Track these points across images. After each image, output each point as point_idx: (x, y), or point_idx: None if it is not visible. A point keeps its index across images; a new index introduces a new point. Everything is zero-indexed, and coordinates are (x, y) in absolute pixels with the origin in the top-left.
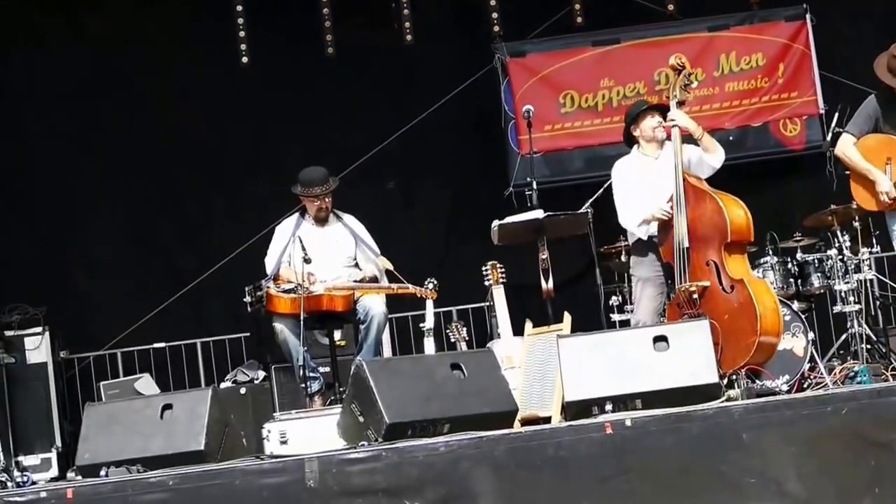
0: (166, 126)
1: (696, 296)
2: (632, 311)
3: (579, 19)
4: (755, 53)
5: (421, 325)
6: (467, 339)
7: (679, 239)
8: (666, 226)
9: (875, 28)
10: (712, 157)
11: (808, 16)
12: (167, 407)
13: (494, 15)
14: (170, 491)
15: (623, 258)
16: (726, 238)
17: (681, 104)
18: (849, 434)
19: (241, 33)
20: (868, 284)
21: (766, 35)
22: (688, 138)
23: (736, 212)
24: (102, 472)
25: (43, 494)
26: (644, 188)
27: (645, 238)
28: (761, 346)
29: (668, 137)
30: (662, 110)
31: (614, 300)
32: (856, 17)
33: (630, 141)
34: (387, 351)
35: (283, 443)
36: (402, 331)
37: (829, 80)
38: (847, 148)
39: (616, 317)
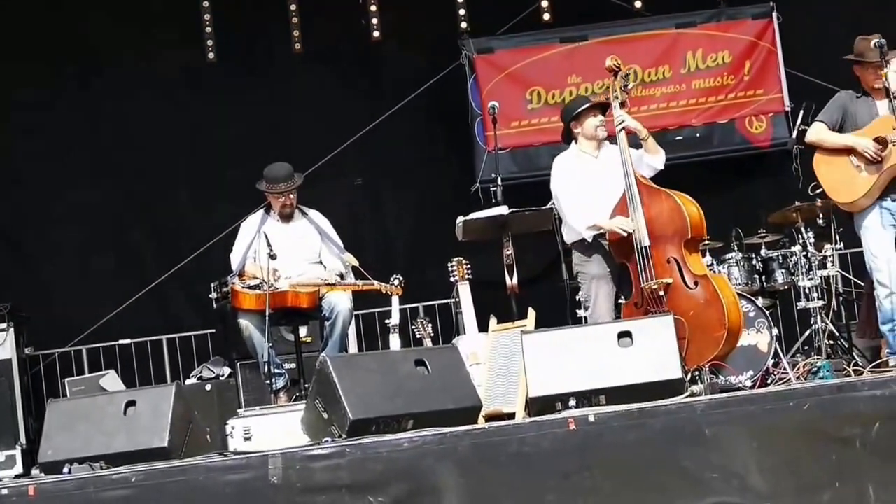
0: (132, 122)
1: (661, 293)
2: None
3: (547, 16)
4: (722, 51)
5: (387, 321)
6: (433, 335)
7: (639, 238)
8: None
9: (841, 26)
10: (655, 158)
11: (774, 14)
12: (130, 403)
13: (462, 11)
14: (132, 488)
15: None
16: (686, 235)
17: (622, 105)
18: (810, 429)
19: (208, 30)
20: (832, 281)
21: (733, 33)
22: (631, 139)
23: (692, 209)
24: (65, 469)
25: (4, 492)
26: (587, 187)
27: (590, 240)
28: (729, 339)
29: (611, 137)
30: (604, 108)
31: (580, 296)
32: (822, 15)
33: (568, 137)
34: (352, 347)
35: (247, 439)
36: (367, 327)
37: (795, 78)
38: (821, 132)
39: (582, 313)
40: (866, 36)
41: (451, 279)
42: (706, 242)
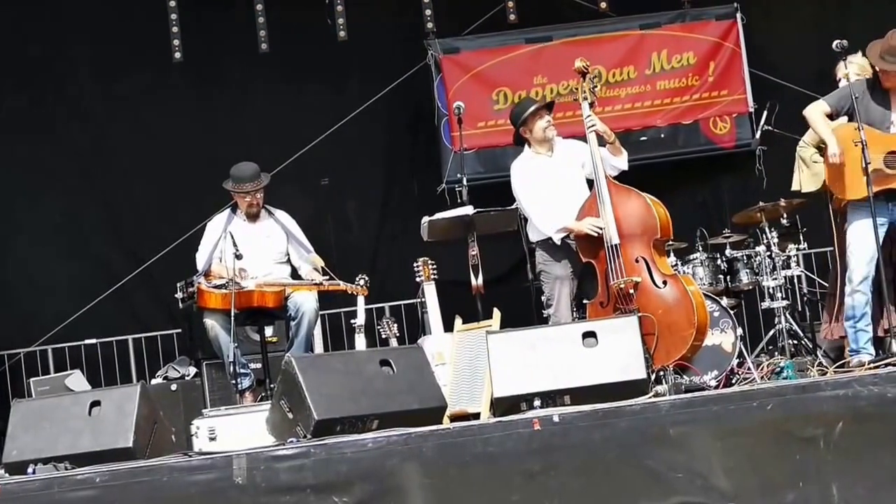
0: (97, 122)
1: (631, 290)
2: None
3: (512, 17)
4: (686, 52)
5: (352, 321)
6: (398, 335)
7: (608, 236)
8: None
9: (804, 27)
10: (619, 159)
11: (738, 15)
12: (95, 404)
13: (428, 12)
14: (97, 488)
15: None
16: (656, 234)
17: (591, 105)
18: (774, 429)
19: (175, 29)
20: (796, 281)
21: (697, 34)
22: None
23: (660, 210)
24: (30, 470)
25: None
26: (548, 188)
27: (558, 242)
28: (696, 339)
29: (562, 135)
30: (550, 107)
31: (544, 296)
32: (785, 16)
33: (520, 140)
34: (318, 347)
35: (212, 439)
36: (333, 327)
37: (758, 79)
38: (817, 114)
39: (548, 312)
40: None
41: (417, 279)
42: (671, 243)
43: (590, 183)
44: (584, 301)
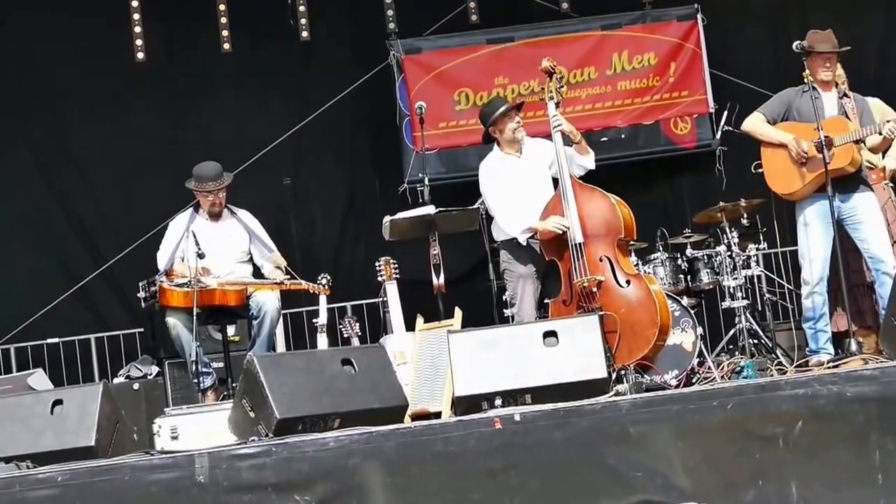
0: (60, 121)
1: (594, 289)
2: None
3: (474, 17)
4: (647, 52)
5: (314, 320)
6: (360, 334)
7: (572, 235)
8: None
9: (764, 28)
10: (586, 159)
11: (699, 16)
12: (57, 402)
13: (390, 12)
14: (59, 487)
15: None
16: (620, 234)
17: (557, 105)
18: (734, 428)
19: (137, 29)
20: (756, 280)
21: (658, 34)
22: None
23: (625, 210)
24: None
25: None
26: (515, 189)
27: (524, 243)
28: (659, 339)
29: (531, 134)
30: (519, 108)
31: (507, 295)
32: (746, 17)
33: (489, 139)
34: (280, 346)
35: (174, 438)
36: (296, 326)
37: (719, 80)
38: (757, 122)
39: (509, 311)
40: (817, 31)
41: (379, 279)
42: (632, 243)
43: (556, 183)
44: (546, 300)
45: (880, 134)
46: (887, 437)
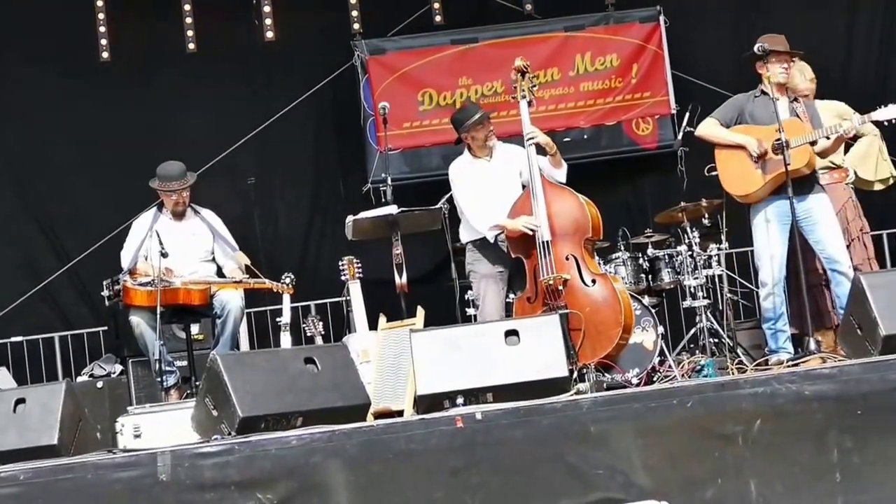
0: (25, 120)
1: (560, 287)
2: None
3: (438, 18)
4: (610, 54)
5: (278, 319)
6: (323, 333)
7: (540, 232)
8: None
9: (725, 30)
10: (559, 172)
11: (661, 18)
12: (20, 401)
13: (355, 13)
14: (21, 485)
15: None
16: (587, 233)
17: (530, 104)
18: (694, 426)
19: (102, 29)
20: (717, 280)
21: (621, 36)
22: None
23: (593, 210)
24: None
25: None
26: (485, 192)
27: (492, 241)
28: (623, 338)
29: (500, 136)
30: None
31: (469, 295)
32: (707, 19)
33: (460, 140)
34: (244, 345)
35: (137, 437)
36: (260, 325)
37: (680, 81)
38: (711, 127)
39: (471, 311)
40: (771, 35)
41: (342, 278)
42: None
43: (526, 188)
44: (509, 299)
45: (835, 134)
46: (845, 435)
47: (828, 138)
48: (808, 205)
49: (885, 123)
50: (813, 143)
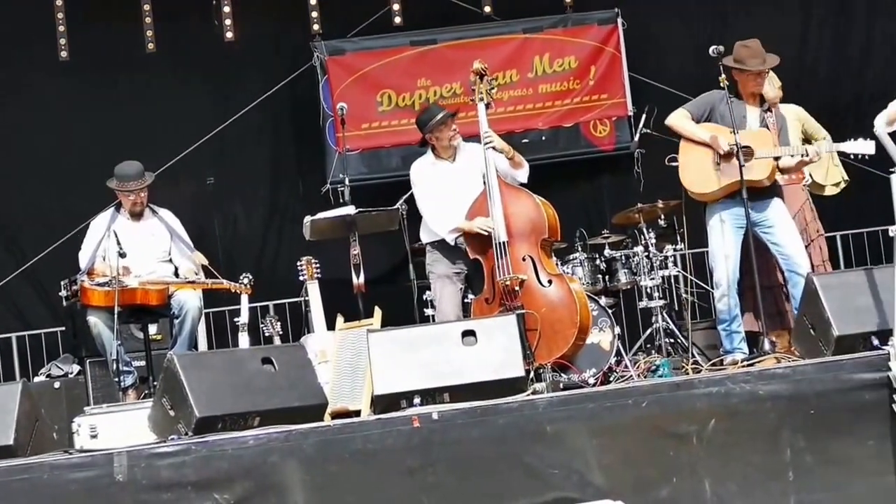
0: None
1: (517, 288)
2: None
3: (398, 19)
4: (568, 56)
5: (236, 319)
6: (281, 333)
7: (496, 233)
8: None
9: (683, 33)
10: (519, 172)
11: (619, 20)
12: None
13: (314, 14)
14: None
15: None
16: (544, 234)
17: (488, 106)
18: (649, 426)
19: (61, 28)
20: (672, 281)
21: (579, 38)
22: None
23: (549, 211)
24: None
25: None
26: (446, 193)
27: (452, 243)
28: (578, 338)
29: (465, 136)
30: (454, 115)
31: (428, 295)
32: (665, 22)
33: (424, 142)
34: (202, 345)
35: (94, 437)
36: (218, 325)
37: (638, 83)
38: (682, 119)
39: (430, 311)
40: (745, 42)
41: (301, 278)
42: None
43: None
44: (467, 300)
45: (800, 156)
46: (798, 435)
47: (791, 156)
48: (766, 208)
49: (851, 157)
50: (777, 158)
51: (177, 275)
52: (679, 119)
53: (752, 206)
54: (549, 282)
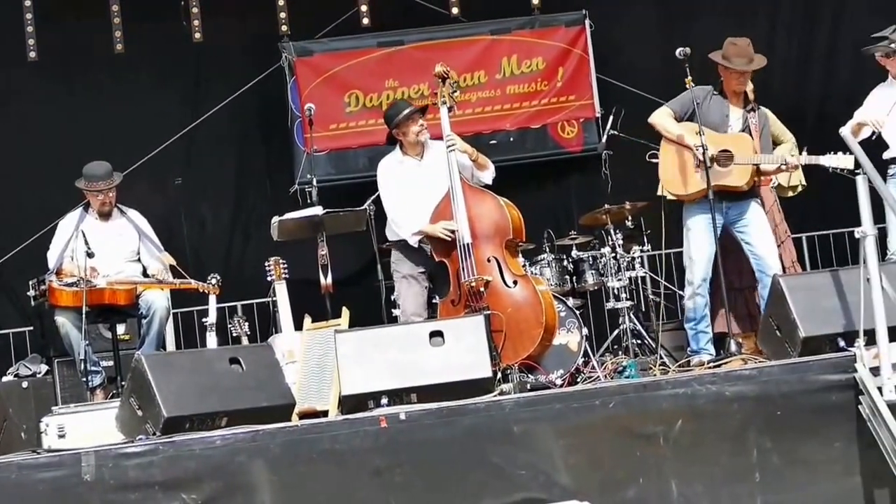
0: None
1: (482, 289)
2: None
3: (366, 20)
4: (536, 57)
5: (204, 319)
6: (249, 333)
7: (461, 235)
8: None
9: (650, 35)
10: (485, 174)
11: (587, 21)
12: None
13: (283, 15)
14: None
15: None
16: (508, 235)
17: (450, 109)
18: (616, 427)
19: (29, 28)
20: (640, 282)
21: (547, 40)
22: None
23: (513, 212)
24: None
25: None
26: (411, 193)
27: (415, 245)
28: (544, 338)
29: (432, 137)
30: (424, 111)
31: (396, 295)
32: (633, 23)
33: (392, 140)
34: (170, 345)
35: (62, 437)
36: (186, 325)
37: (605, 85)
38: (664, 117)
39: (397, 311)
40: (735, 39)
41: (269, 278)
42: (520, 244)
43: None
44: (434, 301)
45: (777, 164)
46: (764, 436)
47: (784, 166)
48: (743, 208)
49: (830, 170)
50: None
51: (145, 275)
52: (661, 118)
53: (730, 206)
54: (515, 282)
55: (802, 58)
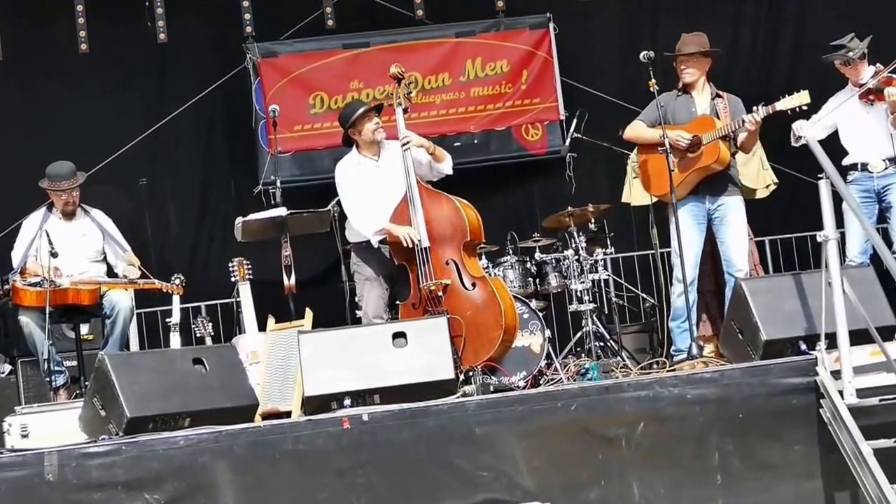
0: None
1: (440, 293)
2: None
3: (330, 22)
4: (500, 60)
5: (168, 320)
6: (213, 334)
7: (418, 239)
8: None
9: (614, 38)
10: (443, 165)
11: (551, 25)
12: None
13: (247, 16)
14: None
15: None
16: (466, 237)
17: (405, 111)
18: (578, 429)
19: None
20: (602, 284)
21: (511, 42)
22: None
23: (471, 213)
24: None
25: None
26: (370, 193)
27: (375, 245)
28: (504, 340)
29: (388, 138)
30: (379, 110)
31: (358, 297)
32: (596, 27)
33: (349, 141)
34: (134, 345)
35: (25, 436)
36: (150, 325)
37: (569, 88)
38: (637, 129)
39: (360, 313)
40: (689, 34)
41: (232, 279)
42: (482, 246)
43: None
44: (397, 302)
45: (745, 126)
46: (726, 439)
47: (739, 126)
48: (722, 203)
49: (789, 112)
50: (726, 138)
51: (111, 275)
52: (634, 130)
53: (712, 198)
54: (473, 284)
55: (767, 62)
